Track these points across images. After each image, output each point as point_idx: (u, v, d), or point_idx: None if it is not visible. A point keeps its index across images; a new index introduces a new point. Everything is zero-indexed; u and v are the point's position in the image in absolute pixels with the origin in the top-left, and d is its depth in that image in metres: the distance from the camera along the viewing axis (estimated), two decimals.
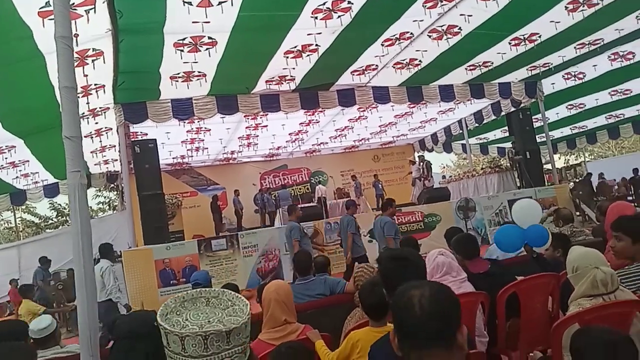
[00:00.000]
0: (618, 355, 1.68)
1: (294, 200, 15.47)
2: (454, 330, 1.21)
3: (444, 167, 33.79)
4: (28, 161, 10.57)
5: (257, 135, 13.35)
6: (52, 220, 24.62)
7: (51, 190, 13.23)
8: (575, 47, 9.13)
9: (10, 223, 22.33)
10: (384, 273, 2.18)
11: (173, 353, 1.01)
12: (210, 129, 11.73)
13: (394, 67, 9.13)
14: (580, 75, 10.98)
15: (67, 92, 2.50)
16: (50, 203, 22.37)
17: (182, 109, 8.92)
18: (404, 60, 8.85)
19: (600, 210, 5.85)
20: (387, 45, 7.94)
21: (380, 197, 16.21)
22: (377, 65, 8.94)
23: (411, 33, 7.63)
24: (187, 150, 13.77)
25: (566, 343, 2.23)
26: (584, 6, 7.23)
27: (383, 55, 8.40)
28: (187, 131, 11.60)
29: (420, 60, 8.93)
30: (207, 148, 13.92)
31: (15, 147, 9.40)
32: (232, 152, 15.31)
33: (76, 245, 2.39)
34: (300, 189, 17.76)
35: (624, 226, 2.76)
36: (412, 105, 12.16)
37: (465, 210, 10.56)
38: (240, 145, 14.42)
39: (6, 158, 9.85)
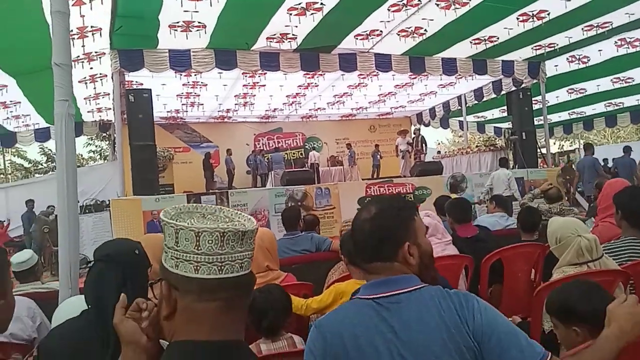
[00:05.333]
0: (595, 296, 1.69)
1: (287, 164, 15.38)
2: (394, 248, 1.35)
3: (439, 144, 33.67)
4: (20, 102, 10.36)
5: (254, 95, 13.14)
6: (42, 165, 24.41)
7: (42, 135, 13.03)
8: (582, 29, 8.97)
9: None
10: None
11: (182, 252, 0.98)
12: (206, 84, 11.53)
13: (398, 35, 8.95)
14: (585, 59, 10.82)
15: (58, 17, 2.38)
16: (40, 147, 22.19)
17: (180, 60, 8.72)
18: (409, 28, 8.67)
19: (599, 187, 5.82)
20: (393, 11, 7.76)
21: (376, 167, 16.18)
22: (381, 31, 8.76)
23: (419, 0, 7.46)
24: (182, 104, 13.58)
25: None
26: None
27: (388, 21, 8.21)
28: (183, 84, 11.41)
29: (425, 30, 8.74)
30: (202, 104, 13.72)
31: (7, 86, 9.19)
32: (228, 110, 15.12)
33: (60, 177, 2.32)
34: (293, 153, 17.64)
35: (615, 199, 2.76)
36: (413, 76, 12.01)
37: (455, 186, 10.58)
38: (236, 104, 14.23)
39: None
